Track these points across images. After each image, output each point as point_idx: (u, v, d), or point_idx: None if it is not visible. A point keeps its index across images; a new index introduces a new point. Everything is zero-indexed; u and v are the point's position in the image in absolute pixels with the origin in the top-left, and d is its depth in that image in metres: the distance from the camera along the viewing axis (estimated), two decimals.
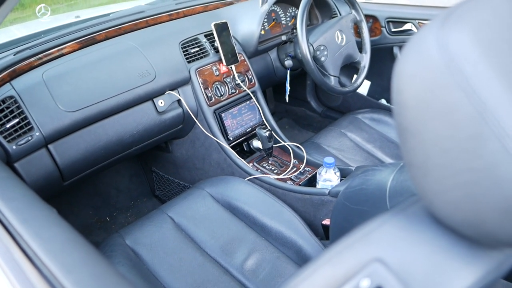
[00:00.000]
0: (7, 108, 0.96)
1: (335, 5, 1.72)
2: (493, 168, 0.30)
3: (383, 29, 1.68)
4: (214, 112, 1.34)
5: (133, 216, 1.62)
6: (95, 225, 1.57)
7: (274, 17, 1.59)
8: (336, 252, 0.38)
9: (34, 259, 0.47)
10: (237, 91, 1.40)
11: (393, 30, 1.67)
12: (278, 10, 1.60)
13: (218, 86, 1.35)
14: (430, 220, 0.37)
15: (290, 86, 1.56)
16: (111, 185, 1.67)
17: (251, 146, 1.44)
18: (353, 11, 1.50)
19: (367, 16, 1.70)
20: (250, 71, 1.44)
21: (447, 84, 0.31)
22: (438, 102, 0.32)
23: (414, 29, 1.59)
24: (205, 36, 1.38)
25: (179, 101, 1.28)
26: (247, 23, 1.43)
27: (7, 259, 0.48)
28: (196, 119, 1.33)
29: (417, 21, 1.57)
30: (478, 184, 0.31)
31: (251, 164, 1.37)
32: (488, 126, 0.30)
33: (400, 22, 1.64)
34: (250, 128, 1.43)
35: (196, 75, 1.30)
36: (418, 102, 0.33)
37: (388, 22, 1.67)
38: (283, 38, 1.55)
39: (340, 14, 1.71)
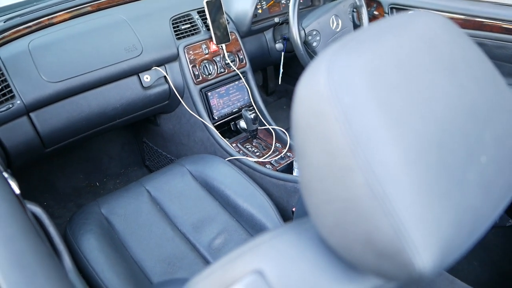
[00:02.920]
0: None
1: None
2: (358, 201, 0.31)
3: (386, 15, 1.63)
4: (201, 90, 1.35)
5: (121, 183, 1.68)
6: (85, 189, 1.63)
7: None
8: (230, 259, 0.40)
9: None
10: (226, 70, 1.40)
11: None
12: None
13: (207, 65, 1.35)
14: (317, 239, 0.39)
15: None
16: (103, 151, 1.72)
17: (238, 126, 1.45)
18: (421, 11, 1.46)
19: (371, 1, 1.65)
20: (242, 51, 1.43)
21: (327, 112, 0.32)
22: (319, 129, 0.33)
23: None
24: (198, 12, 1.37)
25: (165, 77, 1.30)
26: (241, 2, 1.41)
27: None
28: (182, 96, 1.34)
29: (420, 9, 1.52)
30: (346, 214, 0.32)
31: (235, 144, 1.39)
32: (355, 159, 0.31)
33: (404, 9, 1.58)
34: (237, 109, 1.44)
35: (185, 52, 1.30)
36: (305, 125, 0.34)
37: (391, 8, 1.61)
38: (276, 20, 1.52)
39: None
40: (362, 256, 0.33)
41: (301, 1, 1.62)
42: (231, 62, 1.40)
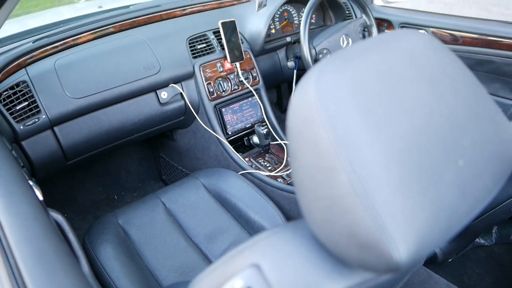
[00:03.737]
0: (20, 91, 1.07)
1: (351, 7, 1.72)
2: (341, 198, 0.34)
3: None
4: (215, 106, 1.40)
5: (139, 197, 1.73)
6: (104, 202, 1.69)
7: (286, 17, 1.62)
8: (230, 256, 0.43)
9: None
10: (240, 87, 1.45)
11: None
12: (291, 9, 1.62)
13: (221, 82, 1.41)
14: (310, 236, 0.42)
15: None
16: (122, 166, 1.78)
17: (251, 142, 1.50)
18: (364, 15, 1.51)
19: (382, 20, 1.69)
20: (255, 69, 1.49)
21: (315, 119, 0.36)
22: (308, 134, 0.36)
23: None
24: (214, 33, 1.44)
25: (181, 94, 1.36)
26: (255, 22, 1.47)
27: None
28: (197, 112, 1.40)
29: (430, 28, 1.55)
30: (332, 210, 0.36)
31: (247, 158, 1.42)
32: (339, 160, 0.34)
33: (414, 28, 1.62)
34: (250, 124, 1.49)
35: (200, 70, 1.36)
36: (296, 131, 0.38)
37: (402, 27, 1.65)
38: (288, 39, 1.58)
39: (356, 16, 1.72)
40: (347, 248, 0.36)
41: (312, 21, 1.68)
42: (245, 79, 1.46)
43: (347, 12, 1.69)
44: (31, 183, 0.75)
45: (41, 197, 0.74)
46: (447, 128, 0.38)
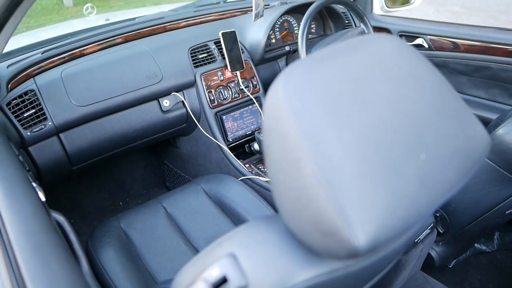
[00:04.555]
0: (28, 99, 1.12)
1: (351, 16, 1.76)
2: (306, 188, 0.37)
3: None
4: (216, 114, 1.44)
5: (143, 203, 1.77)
6: (109, 208, 1.73)
7: (286, 27, 1.66)
8: (211, 247, 0.46)
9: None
10: (240, 95, 1.49)
11: None
12: (291, 20, 1.66)
13: (222, 90, 1.45)
14: (284, 228, 0.44)
15: None
16: (127, 173, 1.83)
17: (252, 148, 1.53)
18: (362, 24, 1.54)
19: (381, 29, 1.72)
20: (255, 78, 1.53)
21: (283, 115, 0.39)
22: (278, 129, 0.39)
23: (424, 44, 1.60)
24: (215, 43, 1.48)
25: (183, 102, 1.40)
26: (255, 32, 1.51)
27: None
28: (199, 120, 1.44)
29: (428, 36, 1.58)
30: (299, 200, 0.38)
31: (248, 165, 1.45)
32: (303, 153, 0.37)
33: (412, 36, 1.64)
34: (250, 131, 1.52)
35: (201, 79, 1.41)
36: (268, 127, 0.41)
37: (400, 35, 1.68)
38: (287, 48, 1.62)
39: (355, 26, 1.75)
40: (312, 236, 0.38)
41: (313, 31, 1.72)
42: (245, 88, 1.50)
43: (346, 21, 1.72)
44: (34, 185, 0.79)
45: (43, 198, 0.78)
46: (410, 125, 0.40)
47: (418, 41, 1.62)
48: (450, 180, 0.41)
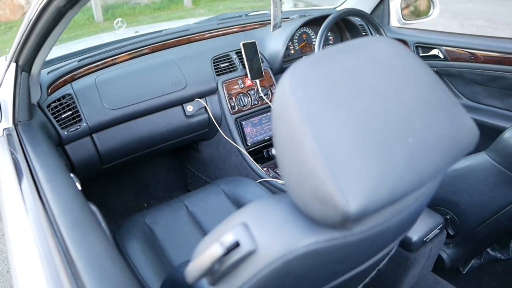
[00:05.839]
0: (65, 103, 1.24)
1: (368, 27, 1.82)
2: (307, 163, 0.44)
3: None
4: (236, 120, 1.52)
5: None
6: (134, 209, 1.83)
7: (305, 38, 1.74)
8: (228, 218, 0.53)
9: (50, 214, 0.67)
10: (259, 102, 1.57)
11: (421, 54, 1.72)
12: (309, 31, 1.74)
13: (242, 97, 1.53)
14: (290, 202, 0.51)
15: None
16: (151, 176, 1.92)
17: (270, 153, 1.60)
18: (377, 36, 1.60)
19: (398, 40, 1.77)
20: (274, 86, 1.60)
21: (288, 102, 0.46)
22: (284, 114, 0.46)
23: (440, 54, 1.64)
24: (236, 53, 1.57)
25: (205, 108, 1.49)
26: (274, 44, 1.59)
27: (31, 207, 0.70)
28: (220, 124, 1.52)
29: (443, 47, 1.62)
30: (300, 173, 0.45)
31: (266, 168, 1.52)
32: (305, 133, 0.44)
33: (428, 47, 1.69)
34: (269, 137, 1.59)
35: (223, 86, 1.50)
36: (276, 113, 0.48)
37: (417, 47, 1.73)
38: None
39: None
40: (312, 204, 0.44)
41: (331, 42, 1.79)
42: (264, 95, 1.57)
43: (363, 33, 1.78)
44: (72, 175, 0.89)
45: (79, 187, 0.87)
46: (400, 112, 0.46)
47: (434, 52, 1.67)
48: (436, 163, 0.47)
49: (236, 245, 0.48)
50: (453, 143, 0.49)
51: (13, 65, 0.99)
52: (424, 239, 1.02)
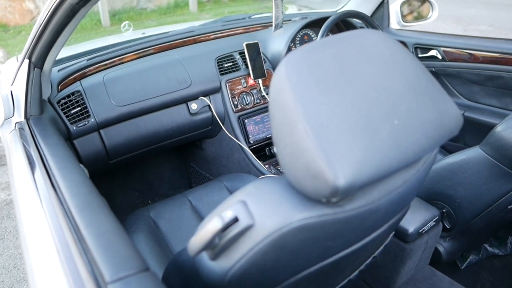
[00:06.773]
0: (74, 99, 1.28)
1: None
2: (300, 142, 0.48)
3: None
4: (239, 118, 1.57)
5: None
6: (139, 206, 1.87)
7: (306, 40, 1.78)
8: (230, 197, 0.57)
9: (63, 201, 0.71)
10: (262, 101, 1.61)
11: (419, 55, 1.76)
12: (311, 33, 1.79)
13: (245, 96, 1.58)
14: (286, 181, 0.55)
15: None
16: (156, 174, 1.97)
17: (272, 151, 1.63)
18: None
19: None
20: None
21: (283, 87, 0.50)
22: (279, 98, 0.51)
23: (438, 55, 1.68)
24: (239, 53, 1.62)
25: (209, 106, 1.53)
26: (276, 44, 1.64)
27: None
28: (223, 122, 1.57)
29: (441, 48, 1.66)
30: (294, 152, 0.49)
31: (268, 166, 1.56)
32: (298, 115, 0.48)
33: (427, 48, 1.73)
34: (270, 135, 1.63)
35: (226, 85, 1.54)
36: (273, 98, 0.52)
37: (415, 48, 1.77)
38: None
39: None
40: (305, 180, 0.48)
41: None
42: (266, 94, 1.62)
43: None
44: (82, 166, 0.93)
45: (88, 176, 0.92)
46: (387, 96, 0.50)
47: (432, 52, 1.71)
48: (420, 144, 0.51)
49: (235, 220, 0.52)
50: (437, 126, 0.53)
51: (26, 61, 1.04)
52: (420, 231, 1.05)
